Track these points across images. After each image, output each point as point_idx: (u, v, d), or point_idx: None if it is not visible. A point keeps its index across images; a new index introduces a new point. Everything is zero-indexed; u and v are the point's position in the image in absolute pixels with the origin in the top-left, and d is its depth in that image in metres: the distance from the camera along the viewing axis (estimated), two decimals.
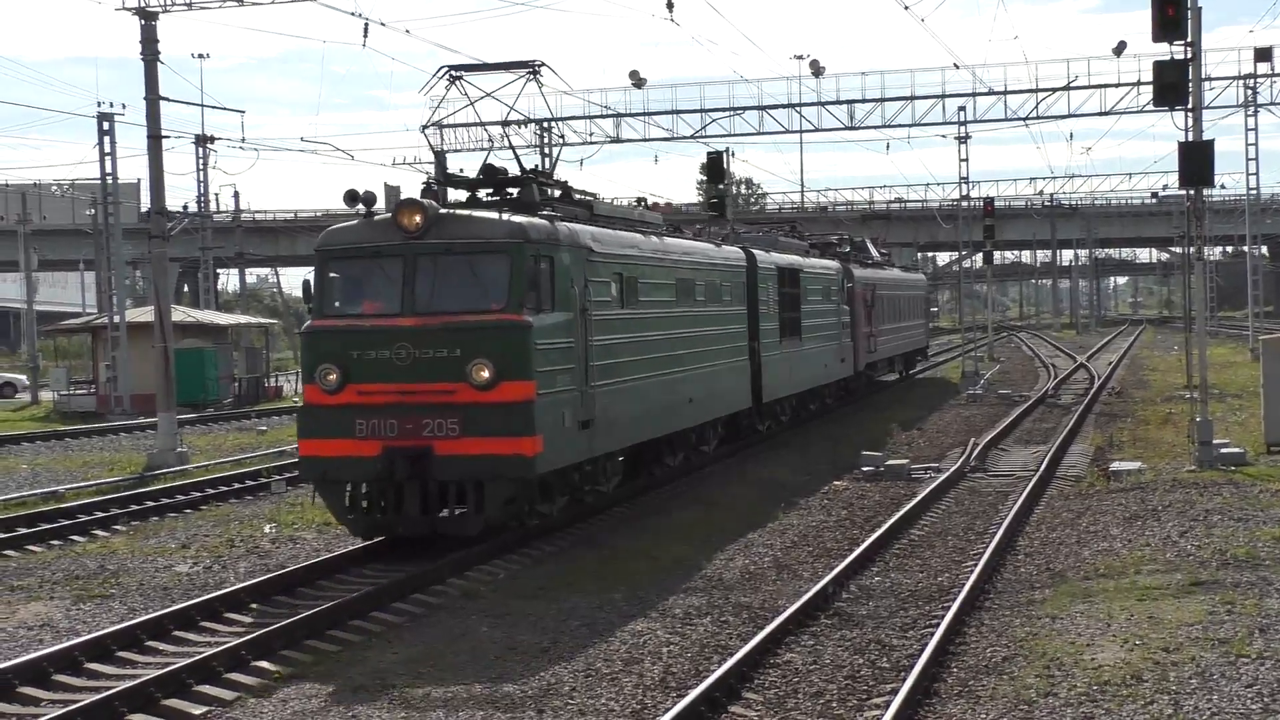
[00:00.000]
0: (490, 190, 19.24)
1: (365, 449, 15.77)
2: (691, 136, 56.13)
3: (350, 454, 15.97)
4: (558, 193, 20.36)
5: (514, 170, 19.95)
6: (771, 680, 11.84)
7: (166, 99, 32.65)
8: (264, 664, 12.68)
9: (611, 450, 19.20)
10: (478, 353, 15.60)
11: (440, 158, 19.69)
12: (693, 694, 10.80)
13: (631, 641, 13.22)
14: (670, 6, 35.75)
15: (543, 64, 19.80)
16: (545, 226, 17.13)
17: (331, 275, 17.09)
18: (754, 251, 27.28)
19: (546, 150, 54.56)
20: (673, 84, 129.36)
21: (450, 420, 15.59)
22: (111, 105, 45.61)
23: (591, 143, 56.35)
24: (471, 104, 20.57)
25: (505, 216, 16.86)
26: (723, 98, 56.84)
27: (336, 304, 16.96)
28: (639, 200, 25.06)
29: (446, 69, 20.02)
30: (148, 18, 31.70)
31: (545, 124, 54.76)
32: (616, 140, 56.63)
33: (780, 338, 28.88)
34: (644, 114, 55.86)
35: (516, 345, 15.81)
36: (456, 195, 19.75)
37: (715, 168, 40.03)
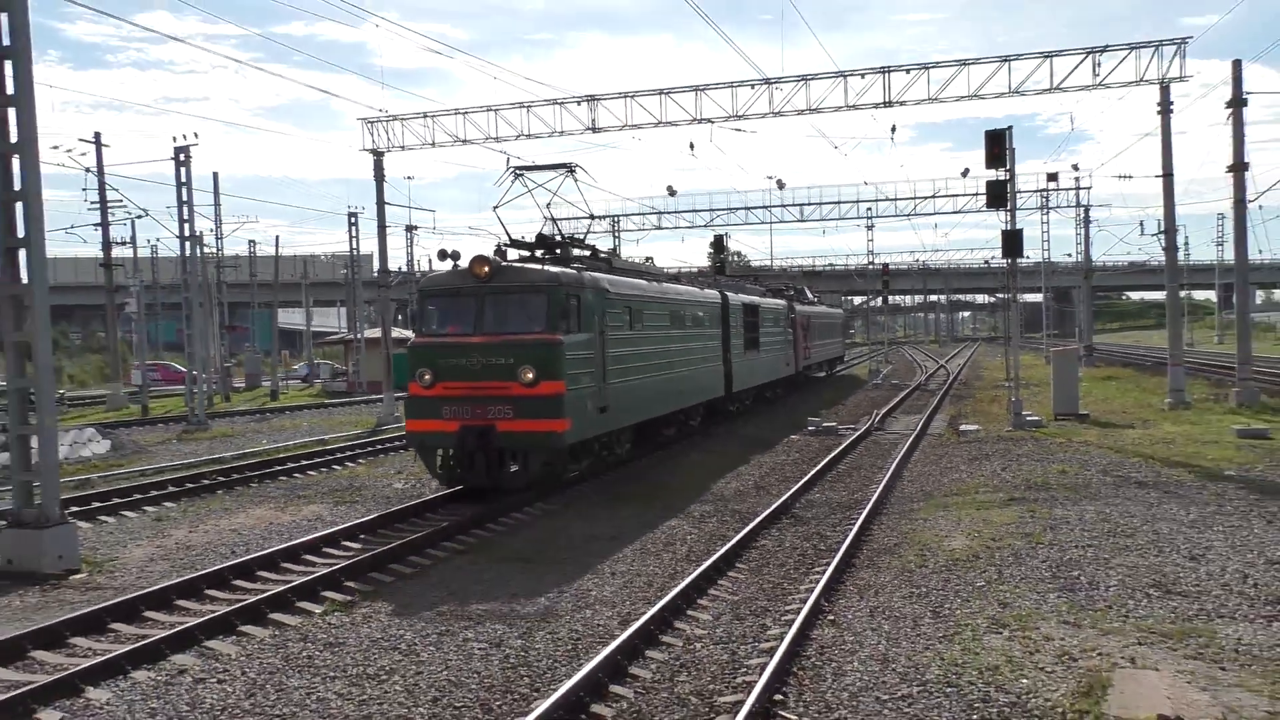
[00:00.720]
0: (542, 251, 18.32)
1: (448, 426, 15.04)
2: (704, 225, 56.57)
3: (439, 430, 15.17)
4: (587, 253, 19.55)
5: (567, 240, 19.32)
6: (753, 556, 12.07)
7: (389, 204, 33.87)
8: (464, 537, 12.98)
9: (624, 426, 18.00)
10: (525, 361, 14.72)
11: (506, 230, 19.30)
12: (705, 564, 11.07)
13: (667, 532, 13.47)
14: (692, 147, 37.85)
15: (577, 165, 18.90)
16: (573, 274, 16.22)
17: (429, 307, 16.21)
18: (726, 293, 26.76)
19: (616, 233, 55.42)
20: (693, 193, 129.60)
21: (506, 407, 14.78)
22: (356, 207, 46.41)
23: (643, 229, 57.47)
24: (529, 192, 19.04)
25: (545, 268, 16.04)
26: (723, 201, 58.44)
27: (432, 326, 16.05)
28: (647, 258, 24.50)
29: (513, 169, 18.92)
30: (378, 155, 32.57)
31: (615, 218, 55.88)
32: (658, 227, 57.26)
33: (745, 349, 27.96)
34: (675, 211, 56.94)
35: (552, 356, 14.84)
36: (519, 254, 18.74)
37: (718, 245, 41.58)
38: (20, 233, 12.36)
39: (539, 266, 16.18)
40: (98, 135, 39.23)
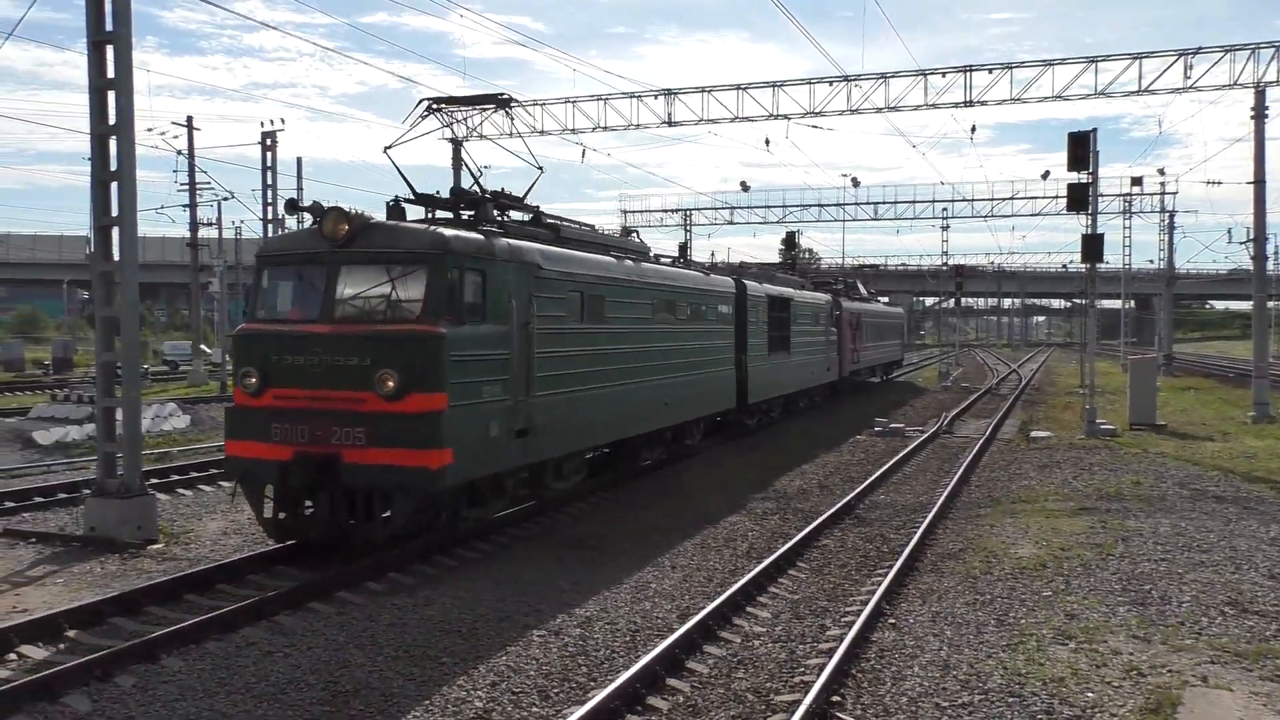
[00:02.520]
0: (464, 209, 13.23)
1: (278, 453, 10.64)
2: (777, 221, 56.28)
3: (265, 456, 10.75)
4: (525, 216, 14.35)
5: (495, 196, 13.66)
6: (814, 556, 11.97)
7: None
8: (527, 524, 13.01)
9: (561, 454, 13.31)
10: (386, 362, 10.29)
11: (405, 177, 15.60)
12: (766, 561, 11.01)
13: (728, 528, 13.40)
14: (767, 143, 37.37)
15: (513, 100, 14.21)
16: (474, 240, 11.42)
17: (265, 280, 11.71)
18: (745, 282, 22.16)
19: (687, 226, 55.51)
20: (766, 189, 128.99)
21: (357, 429, 10.32)
22: (434, 192, 47.17)
23: (715, 224, 57.36)
24: (461, 140, 14.86)
25: (430, 228, 11.42)
26: (796, 198, 58.20)
27: (264, 309, 11.59)
28: (633, 231, 19.05)
29: (426, 101, 14.06)
30: (456, 144, 32.87)
31: (687, 211, 55.93)
32: (730, 223, 57.12)
33: (770, 351, 23.53)
34: (748, 207, 56.33)
35: (427, 356, 10.38)
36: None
37: (790, 241, 40.92)
38: (114, 212, 12.73)
39: (420, 227, 11.74)
40: (189, 119, 40.33)
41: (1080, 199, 23.62)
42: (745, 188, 53.52)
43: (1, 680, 7.23)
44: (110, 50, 12.67)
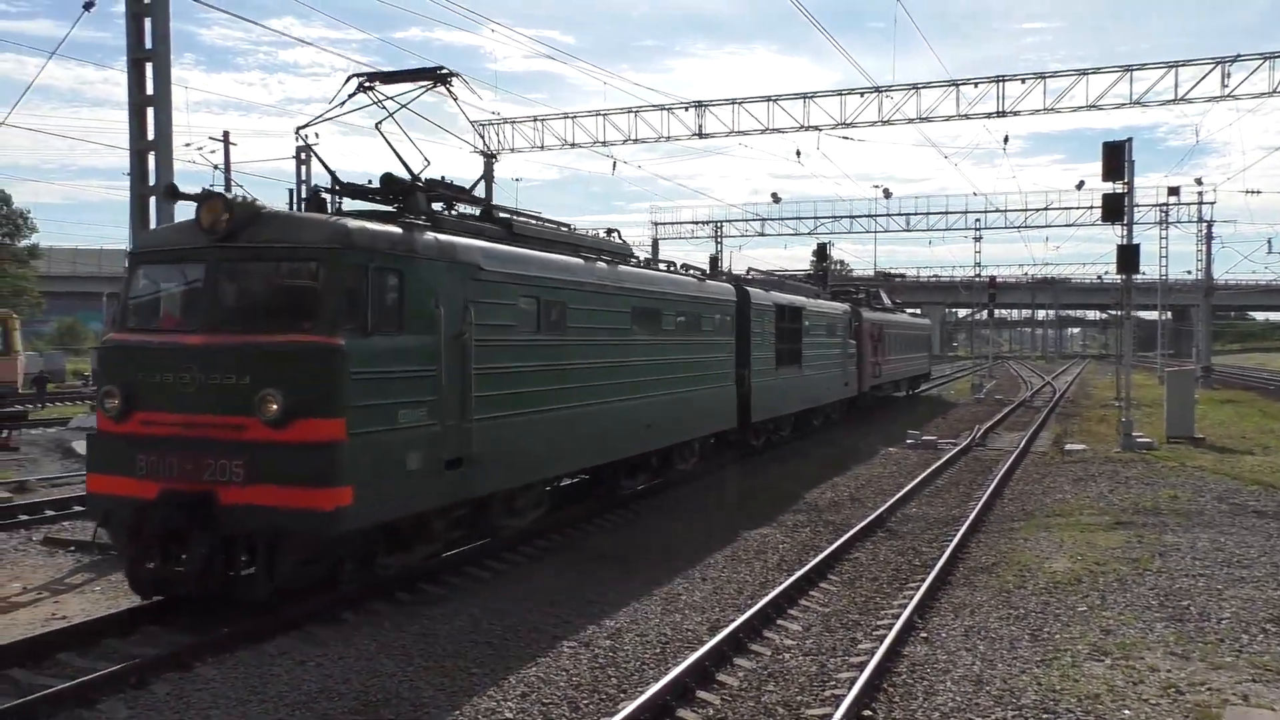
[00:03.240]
0: (393, 201, 10.91)
1: (144, 490, 8.78)
2: (808, 233, 56.19)
3: (129, 494, 8.86)
4: (474, 210, 12.52)
5: (433, 185, 11.50)
6: (846, 569, 11.90)
7: (497, 206, 34.85)
8: (555, 535, 13.02)
9: (510, 486, 11.27)
10: (269, 381, 8.45)
11: (326, 165, 12.37)
12: (797, 574, 10.96)
13: (759, 540, 13.35)
14: (798, 154, 37.64)
15: (454, 74, 11.52)
16: (388, 234, 9.48)
17: (137, 283, 9.70)
18: (748, 289, 20.04)
19: (718, 238, 55.56)
20: (797, 200, 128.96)
21: (236, 462, 8.50)
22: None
23: (746, 235, 57.34)
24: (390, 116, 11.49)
25: (327, 219, 9.35)
26: (827, 209, 58.33)
27: (135, 317, 9.61)
28: (611, 231, 15.94)
29: (358, 79, 11.54)
30: (488, 157, 33.22)
31: (718, 223, 56.00)
32: (761, 235, 57.07)
33: (778, 364, 21.36)
34: (779, 219, 56.24)
35: (319, 374, 8.53)
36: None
37: (821, 253, 40.51)
38: (153, 225, 12.93)
39: (318, 217, 9.67)
40: (226, 134, 40.84)
41: (1115, 209, 23.39)
42: (776, 199, 53.15)
43: (41, 686, 7.32)
44: (149, 68, 12.91)
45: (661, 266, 17.20)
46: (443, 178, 11.77)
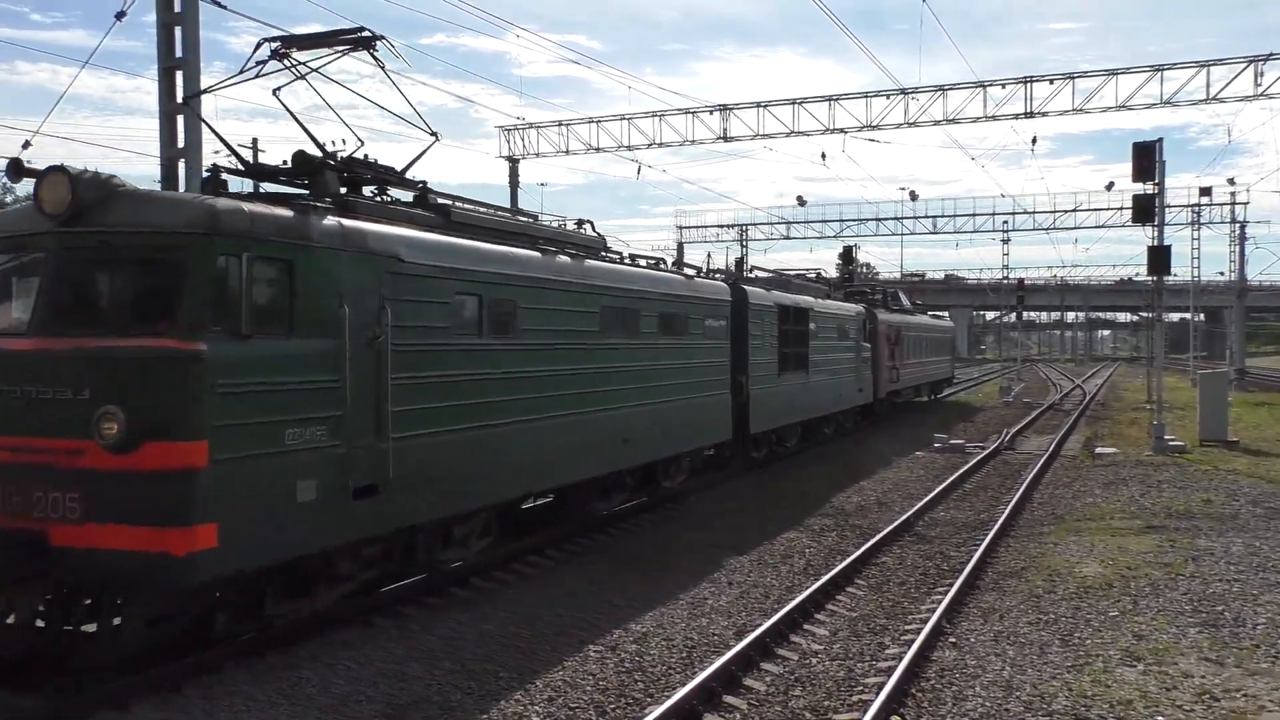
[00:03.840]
0: (303, 182, 9.25)
1: None
2: (834, 236, 56.00)
3: None
4: (406, 195, 10.71)
5: (350, 164, 9.81)
6: (873, 573, 11.86)
7: (523, 209, 35.00)
8: (583, 539, 13.15)
9: (444, 514, 9.67)
10: (110, 396, 6.94)
11: (225, 140, 9.89)
12: (824, 578, 10.93)
13: (785, 544, 13.32)
14: (824, 157, 37.27)
15: (378, 37, 9.90)
16: (273, 217, 7.91)
17: None
18: (746, 288, 18.49)
19: (744, 242, 55.51)
20: (823, 203, 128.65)
21: (71, 495, 7.00)
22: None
23: (771, 239, 57.20)
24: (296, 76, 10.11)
25: (200, 198, 7.81)
26: (853, 212, 58.05)
27: None
28: (583, 222, 14.40)
29: (266, 41, 10.03)
30: (513, 162, 33.44)
31: (743, 227, 55.97)
32: (787, 237, 56.93)
33: (779, 371, 19.69)
34: (804, 221, 56.14)
35: (173, 386, 7.03)
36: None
37: (847, 256, 40.38)
38: None
39: (181, 196, 8.81)
40: (255, 141, 41.18)
41: (1146, 210, 23.21)
42: (802, 202, 53.16)
43: (75, 690, 7.40)
44: (180, 76, 13.03)
45: (643, 263, 15.18)
46: (366, 156, 10.11)
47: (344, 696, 7.53)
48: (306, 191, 9.12)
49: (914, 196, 51.09)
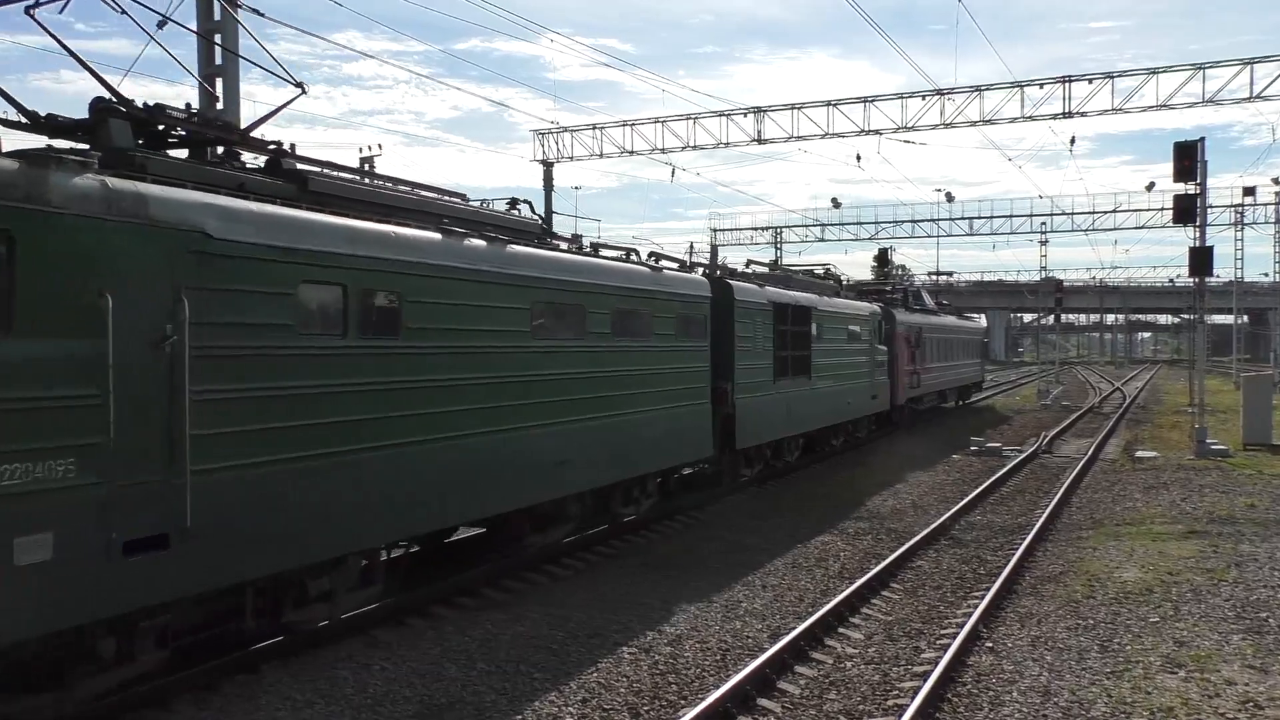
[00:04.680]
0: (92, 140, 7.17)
1: None
2: (869, 238, 55.72)
3: None
4: (256, 161, 8.81)
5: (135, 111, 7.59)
6: (908, 577, 11.77)
7: (556, 213, 34.54)
8: (616, 542, 13.15)
9: (284, 568, 7.66)
10: None
11: None
12: (858, 581, 10.86)
13: (819, 548, 13.24)
14: (859, 158, 37.17)
15: None
16: None
17: None
18: (731, 284, 16.18)
19: (778, 244, 55.38)
20: (858, 205, 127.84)
21: None
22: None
23: (805, 241, 57.01)
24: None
25: None
26: (888, 214, 57.68)
27: None
28: (514, 208, 12.09)
29: None
30: (547, 165, 33.61)
31: (777, 229, 55.87)
32: (821, 240, 56.74)
33: (775, 377, 17.50)
34: (839, 224, 55.92)
35: None
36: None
37: (882, 258, 40.01)
38: None
39: None
40: (292, 146, 41.81)
41: (1188, 211, 22.87)
42: (836, 204, 52.91)
43: (116, 689, 7.51)
44: (219, 83, 13.23)
45: (609, 254, 13.48)
46: (187, 105, 8.40)
47: (380, 696, 7.59)
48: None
49: (950, 198, 50.72)
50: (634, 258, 13.82)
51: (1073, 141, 53.85)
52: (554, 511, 11.60)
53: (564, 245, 12.61)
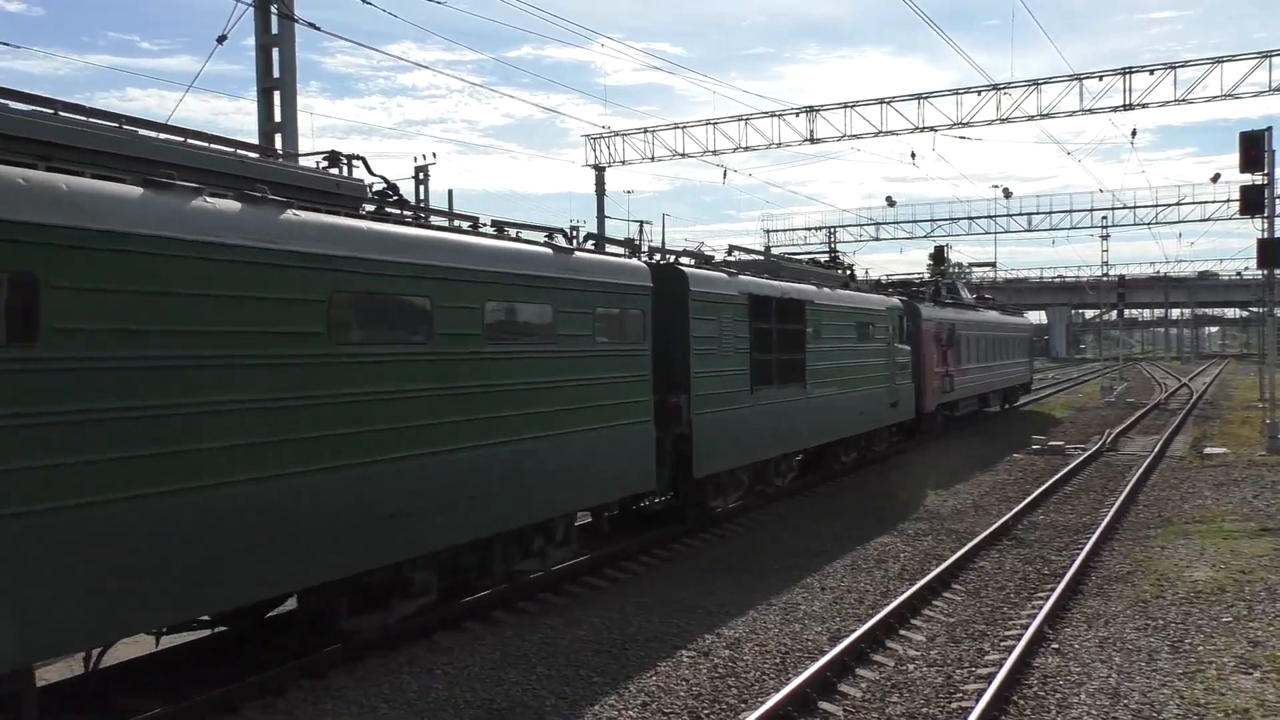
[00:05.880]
0: None
1: None
2: (924, 236, 55.31)
3: None
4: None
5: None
6: (970, 578, 11.60)
7: (609, 217, 34.75)
8: (676, 545, 13.13)
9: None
10: None
11: None
12: (919, 583, 10.72)
13: (879, 549, 13.11)
14: (913, 156, 36.91)
15: None
16: None
17: None
18: (686, 271, 13.02)
19: (832, 244, 55.09)
20: (912, 203, 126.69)
21: None
22: (578, 220, 48.20)
23: (860, 240, 56.69)
24: None
25: None
26: (944, 211, 57.19)
27: None
28: (330, 157, 9.30)
29: None
30: (599, 170, 33.76)
31: (832, 229, 55.51)
32: (876, 239, 56.40)
33: (754, 385, 14.37)
34: (894, 222, 55.60)
35: None
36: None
37: (938, 256, 39.52)
38: None
39: None
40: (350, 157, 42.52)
41: (1255, 202, 22.32)
42: (891, 203, 52.44)
43: (186, 695, 7.66)
44: (277, 96, 13.49)
45: (527, 236, 10.77)
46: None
47: (442, 701, 7.65)
48: None
49: (1008, 194, 50.15)
50: (559, 240, 11.01)
51: (1134, 134, 52.53)
52: (392, 580, 8.56)
53: (405, 216, 9.34)
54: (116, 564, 6.06)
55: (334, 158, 9.24)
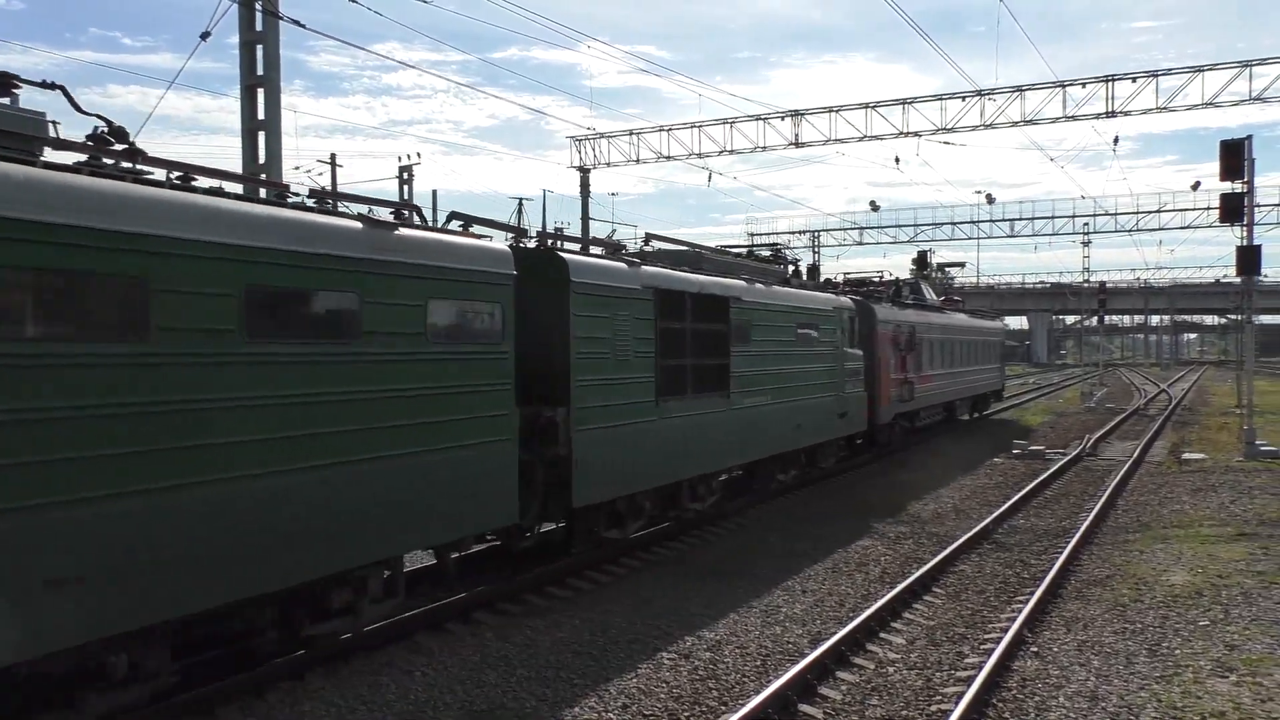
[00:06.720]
0: None
1: None
2: (907, 241, 55.58)
3: None
4: None
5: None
6: (950, 582, 11.63)
7: (593, 219, 34.74)
8: (659, 549, 13.12)
9: None
10: None
11: None
12: (900, 586, 10.75)
13: (861, 552, 13.13)
14: (897, 161, 37.19)
15: None
16: None
17: None
18: (566, 257, 10.89)
19: (815, 248, 55.24)
20: (896, 208, 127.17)
21: None
22: (562, 223, 47.99)
23: (844, 244, 56.88)
24: None
25: None
26: (928, 217, 57.40)
27: None
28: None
29: None
30: (584, 172, 33.75)
31: (815, 233, 55.67)
32: (860, 244, 56.70)
33: (660, 396, 12.27)
34: (878, 227, 55.90)
35: None
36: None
37: (921, 260, 39.80)
38: None
39: None
40: (333, 157, 42.18)
41: (1235, 210, 22.52)
42: (875, 207, 52.86)
43: (164, 695, 7.60)
44: (261, 94, 13.42)
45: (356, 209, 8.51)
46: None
47: (422, 702, 7.62)
48: None
49: (990, 199, 50.42)
50: (378, 213, 8.64)
51: (1116, 141, 52.94)
52: (95, 663, 6.40)
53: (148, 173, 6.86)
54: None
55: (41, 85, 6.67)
